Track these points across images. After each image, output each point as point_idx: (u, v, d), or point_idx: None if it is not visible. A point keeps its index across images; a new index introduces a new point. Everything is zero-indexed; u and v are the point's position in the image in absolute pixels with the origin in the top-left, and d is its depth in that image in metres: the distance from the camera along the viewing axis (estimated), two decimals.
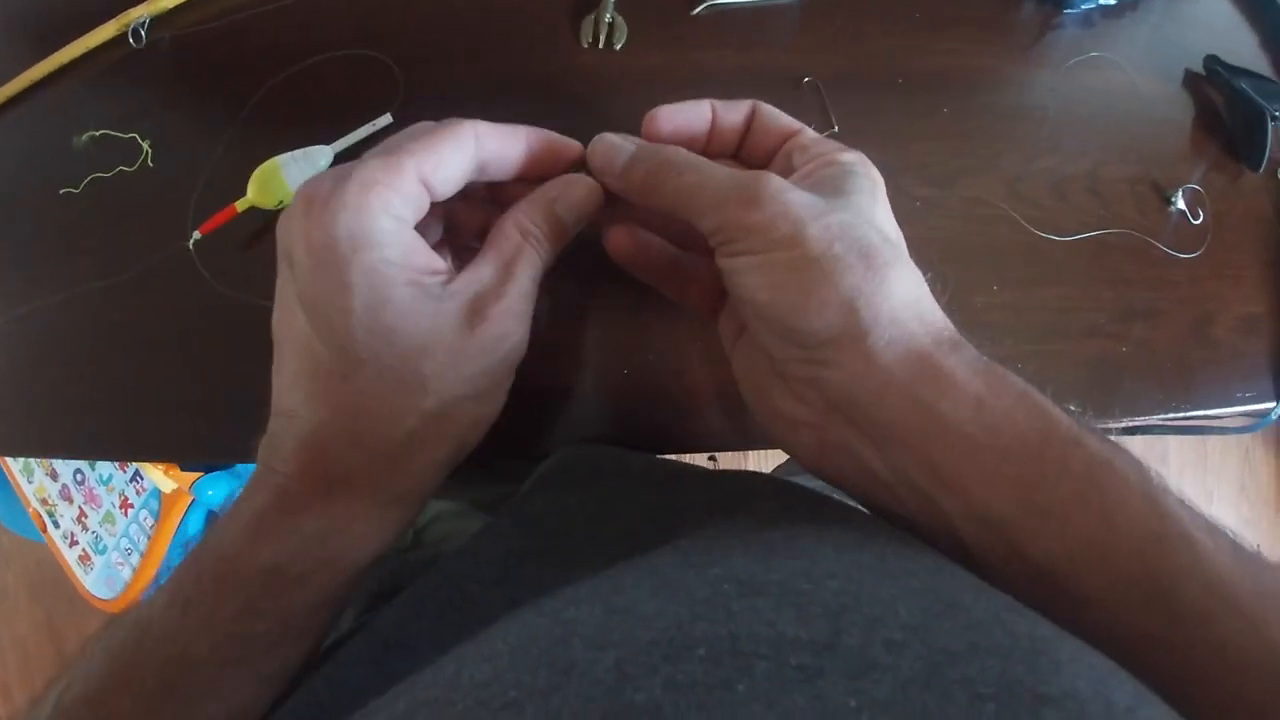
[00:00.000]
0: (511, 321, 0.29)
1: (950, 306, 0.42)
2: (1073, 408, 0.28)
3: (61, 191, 0.50)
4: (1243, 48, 0.52)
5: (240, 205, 0.44)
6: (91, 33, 0.53)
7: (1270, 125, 0.48)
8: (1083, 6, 0.49)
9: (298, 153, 0.43)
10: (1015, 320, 0.43)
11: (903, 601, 0.22)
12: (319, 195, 0.26)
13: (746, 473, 0.40)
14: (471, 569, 0.36)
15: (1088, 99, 0.48)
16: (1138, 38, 0.51)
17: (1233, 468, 1.53)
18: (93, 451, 0.50)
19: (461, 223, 0.35)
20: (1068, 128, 0.47)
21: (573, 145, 0.33)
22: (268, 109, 0.48)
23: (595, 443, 0.41)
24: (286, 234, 0.27)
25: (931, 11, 0.47)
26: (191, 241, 0.45)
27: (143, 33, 0.52)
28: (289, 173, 0.43)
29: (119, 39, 0.53)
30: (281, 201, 0.44)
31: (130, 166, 0.50)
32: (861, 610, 0.21)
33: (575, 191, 0.31)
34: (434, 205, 0.30)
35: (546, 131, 0.32)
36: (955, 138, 0.45)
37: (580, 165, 0.33)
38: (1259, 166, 0.48)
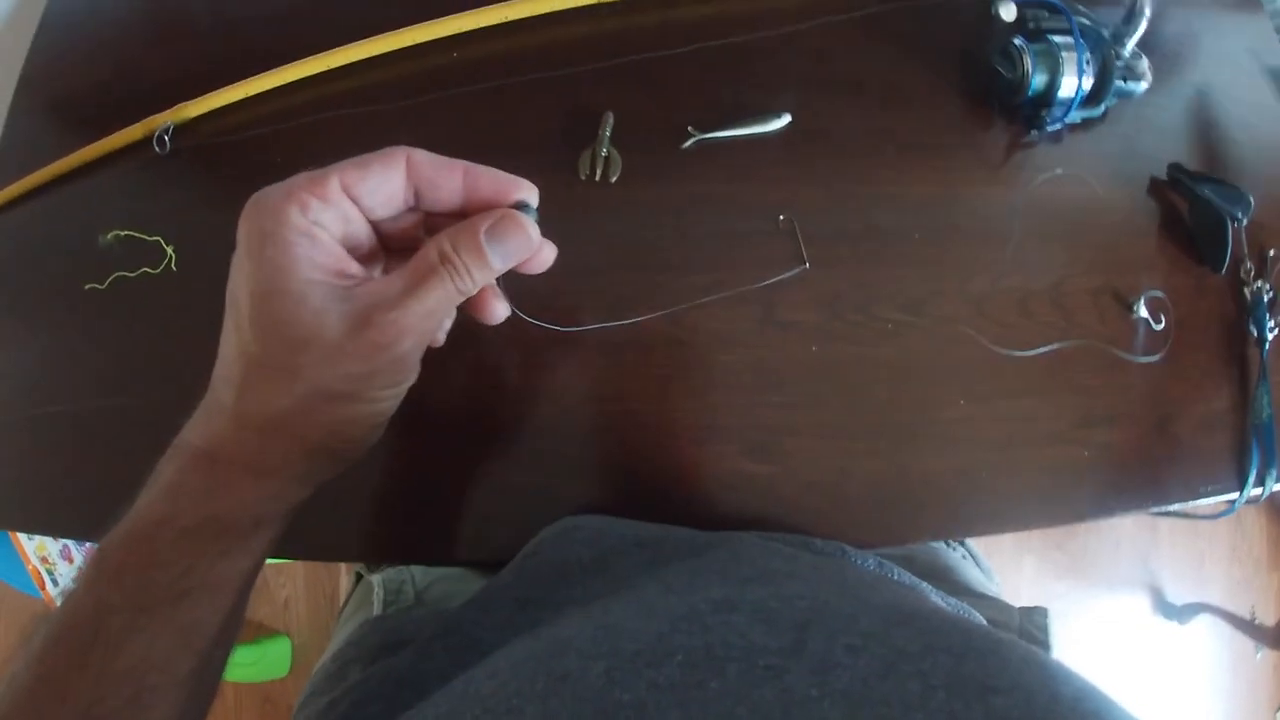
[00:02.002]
0: (398, 333, 0.29)
1: (916, 422, 0.45)
2: None
3: (86, 287, 0.52)
4: (1207, 152, 0.55)
5: None
6: (117, 134, 0.56)
7: (1231, 227, 0.51)
8: (1050, 128, 0.52)
9: None
10: (980, 432, 0.46)
11: (864, 615, 0.25)
12: (257, 198, 0.30)
13: (730, 532, 0.43)
14: (479, 617, 0.39)
15: (1053, 215, 0.51)
16: (1104, 150, 0.54)
17: (1224, 531, 1.53)
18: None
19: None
20: (1033, 245, 0.50)
21: (519, 183, 0.33)
22: None
23: (590, 513, 0.43)
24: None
25: (905, 139, 0.51)
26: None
27: (167, 140, 0.55)
28: None
29: (144, 142, 0.56)
30: None
31: (154, 269, 0.52)
32: (825, 623, 0.25)
33: (506, 226, 0.31)
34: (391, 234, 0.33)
35: (491, 169, 0.32)
36: (925, 262, 0.48)
37: (523, 205, 0.32)
38: (1221, 268, 0.51)
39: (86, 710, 0.27)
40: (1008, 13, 0.50)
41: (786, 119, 0.49)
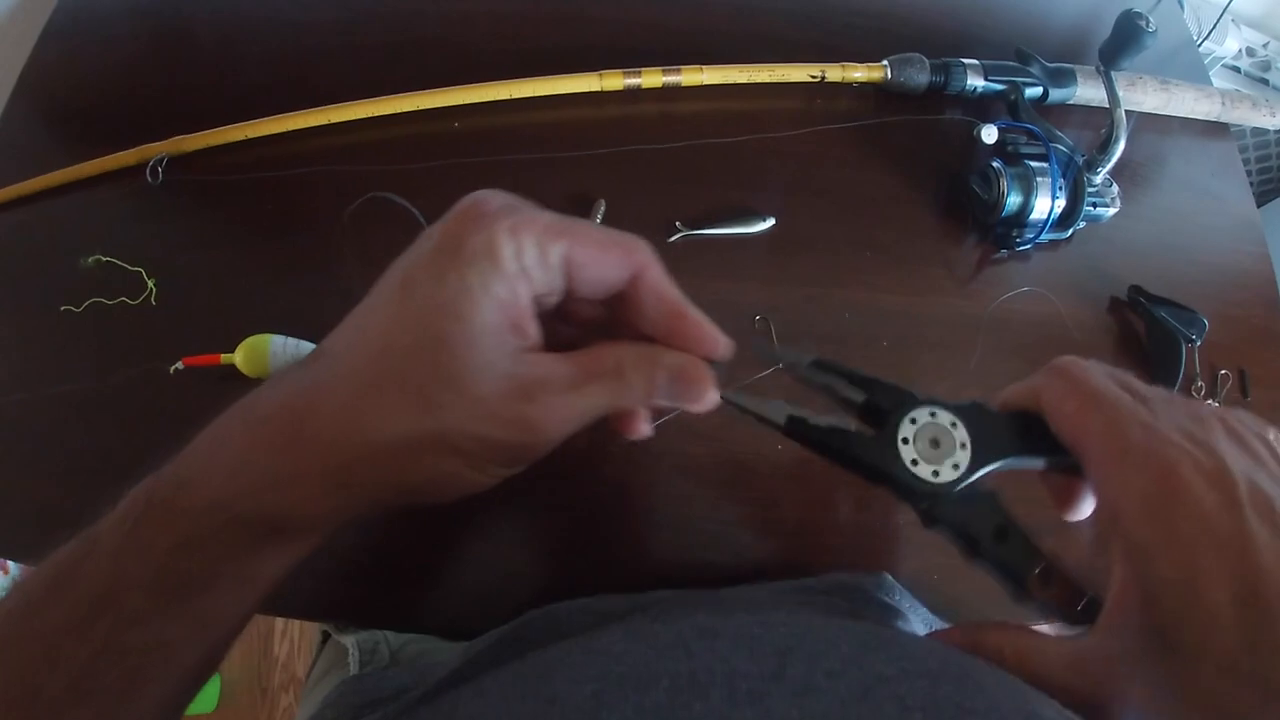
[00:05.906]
0: (558, 421, 0.27)
1: (874, 524, 0.46)
2: None
3: (62, 308, 0.52)
4: (1166, 274, 0.58)
5: (224, 359, 0.47)
6: (110, 157, 0.55)
7: (1185, 349, 0.53)
8: (1020, 248, 0.55)
9: (290, 341, 0.47)
10: (934, 538, 0.48)
11: (844, 641, 0.26)
12: (481, 206, 0.27)
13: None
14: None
15: (1017, 330, 0.53)
16: (1069, 270, 0.57)
17: None
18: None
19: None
20: (996, 359, 0.52)
21: (721, 343, 0.30)
22: (278, 274, 0.51)
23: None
24: (444, 219, 0.28)
25: (881, 249, 0.53)
26: (173, 368, 0.48)
27: (160, 170, 0.54)
28: (274, 353, 0.46)
29: (137, 169, 0.55)
30: (260, 375, 0.47)
31: (133, 300, 0.51)
32: (806, 649, 0.25)
33: (691, 375, 0.29)
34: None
35: (704, 317, 0.30)
36: (890, 370, 0.49)
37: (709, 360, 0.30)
38: (1174, 385, 0.53)
39: (77, 681, 0.25)
40: (989, 136, 0.53)
41: (771, 222, 0.51)
